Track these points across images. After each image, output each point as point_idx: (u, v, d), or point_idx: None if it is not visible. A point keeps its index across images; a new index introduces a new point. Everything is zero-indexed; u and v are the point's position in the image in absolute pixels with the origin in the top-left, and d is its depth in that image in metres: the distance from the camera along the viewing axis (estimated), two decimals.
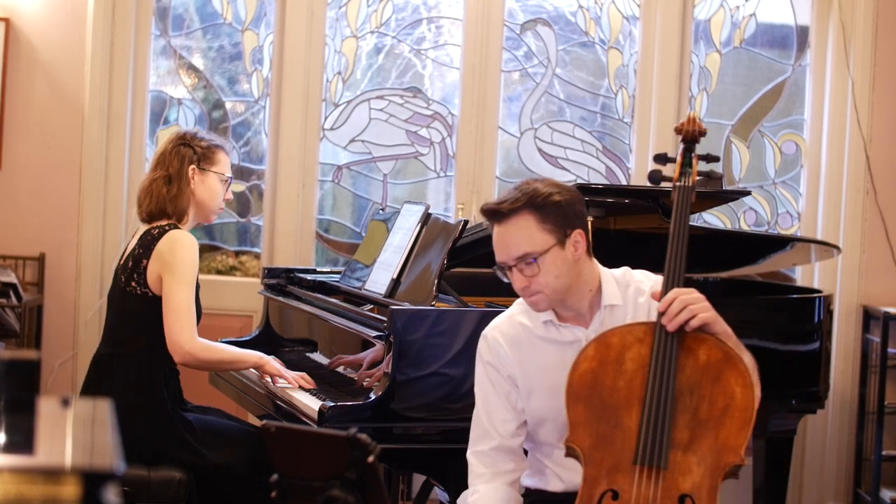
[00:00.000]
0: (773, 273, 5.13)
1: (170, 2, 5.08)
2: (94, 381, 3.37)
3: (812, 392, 4.04)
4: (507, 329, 2.73)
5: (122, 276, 3.39)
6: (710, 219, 5.13)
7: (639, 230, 4.05)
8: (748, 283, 4.70)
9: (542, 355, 2.69)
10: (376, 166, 5.16)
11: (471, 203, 5.05)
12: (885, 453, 4.91)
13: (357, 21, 5.13)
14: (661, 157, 2.71)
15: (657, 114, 5.14)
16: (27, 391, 1.62)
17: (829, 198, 5.15)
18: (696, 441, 2.44)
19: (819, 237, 5.05)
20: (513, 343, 2.71)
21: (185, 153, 3.46)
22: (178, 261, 3.29)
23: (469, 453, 2.72)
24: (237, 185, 5.12)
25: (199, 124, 5.09)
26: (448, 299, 3.50)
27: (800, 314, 4.06)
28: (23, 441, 1.55)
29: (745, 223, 5.23)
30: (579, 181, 5.02)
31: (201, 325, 3.39)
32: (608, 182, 5.13)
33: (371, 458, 2.01)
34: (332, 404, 3.11)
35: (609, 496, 2.45)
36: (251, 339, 4.14)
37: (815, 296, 4.12)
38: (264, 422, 2.23)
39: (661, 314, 2.49)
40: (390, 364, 3.17)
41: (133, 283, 3.34)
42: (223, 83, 5.16)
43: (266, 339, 4.12)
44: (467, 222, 3.49)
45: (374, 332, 3.30)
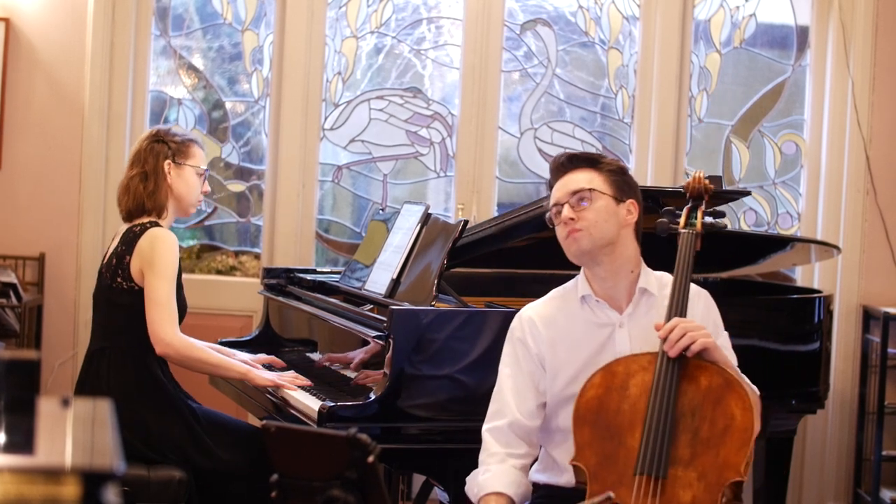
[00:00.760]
0: (774, 273, 5.13)
1: (170, 2, 5.07)
2: (89, 375, 3.38)
3: (812, 392, 4.04)
4: (542, 310, 2.83)
5: (106, 274, 3.43)
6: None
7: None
8: (748, 284, 4.70)
9: (573, 333, 2.78)
10: (376, 166, 5.16)
11: (471, 203, 5.05)
12: (885, 453, 4.91)
13: (357, 21, 5.13)
14: (668, 213, 2.86)
15: (657, 114, 5.13)
16: (27, 391, 1.62)
17: (829, 198, 5.15)
18: (697, 458, 2.53)
19: (819, 237, 5.05)
20: (547, 322, 2.80)
21: (159, 149, 3.49)
22: (158, 256, 3.33)
23: (484, 430, 2.79)
24: (238, 186, 5.12)
25: (199, 124, 5.09)
26: (448, 299, 3.50)
27: (800, 314, 4.06)
28: (23, 441, 1.55)
29: (745, 223, 5.22)
30: None
31: (199, 325, 3.40)
32: None
33: (371, 458, 2.01)
34: (332, 404, 3.11)
35: None
36: (251, 339, 4.14)
37: (815, 296, 4.12)
38: (264, 422, 2.23)
39: (662, 340, 2.61)
40: (390, 364, 3.17)
41: (118, 279, 3.38)
42: (223, 83, 5.15)
43: (266, 339, 4.12)
44: (467, 222, 3.49)
45: (374, 333, 3.30)
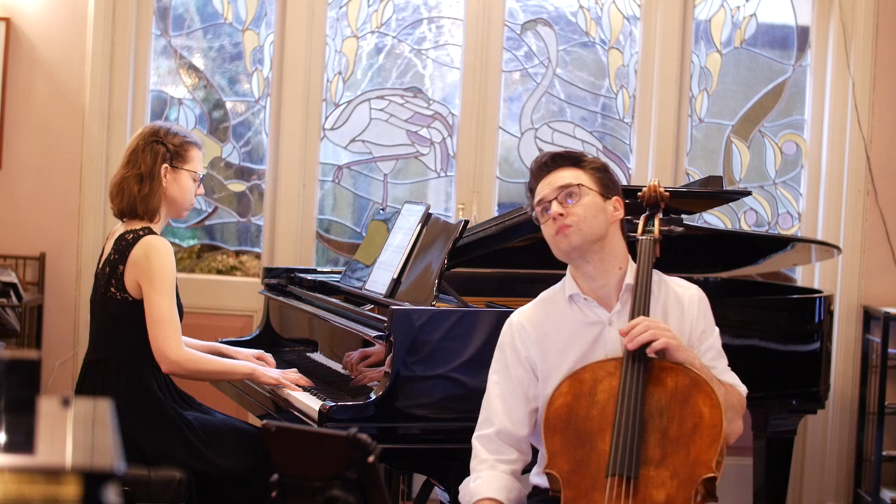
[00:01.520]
0: (774, 273, 5.13)
1: (170, 2, 5.07)
2: (86, 387, 3.34)
3: (812, 392, 4.04)
4: (531, 314, 2.84)
5: (101, 281, 3.35)
6: (711, 219, 5.13)
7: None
8: (749, 284, 4.70)
9: (563, 334, 2.78)
10: (377, 166, 5.16)
11: (471, 203, 5.05)
12: (885, 453, 4.91)
13: (358, 21, 5.13)
14: (624, 221, 2.89)
15: (658, 114, 5.13)
16: (27, 391, 1.62)
17: (829, 198, 5.15)
18: (668, 457, 2.55)
19: (819, 237, 5.05)
20: (536, 325, 2.80)
21: (157, 150, 3.36)
22: (155, 269, 3.23)
23: (474, 438, 2.79)
24: (238, 185, 5.12)
25: (199, 124, 5.09)
26: (448, 299, 3.50)
27: (800, 314, 4.06)
28: (23, 441, 1.55)
29: (745, 223, 5.22)
30: None
31: (200, 325, 3.38)
32: None
33: (371, 458, 2.01)
34: (333, 404, 3.11)
35: None
36: (251, 339, 4.13)
37: (816, 296, 4.12)
38: (264, 422, 2.23)
39: (624, 335, 2.64)
40: (391, 364, 3.17)
41: (112, 289, 3.30)
42: (224, 83, 5.15)
43: (266, 339, 4.12)
44: (468, 222, 3.49)
45: (374, 332, 3.30)
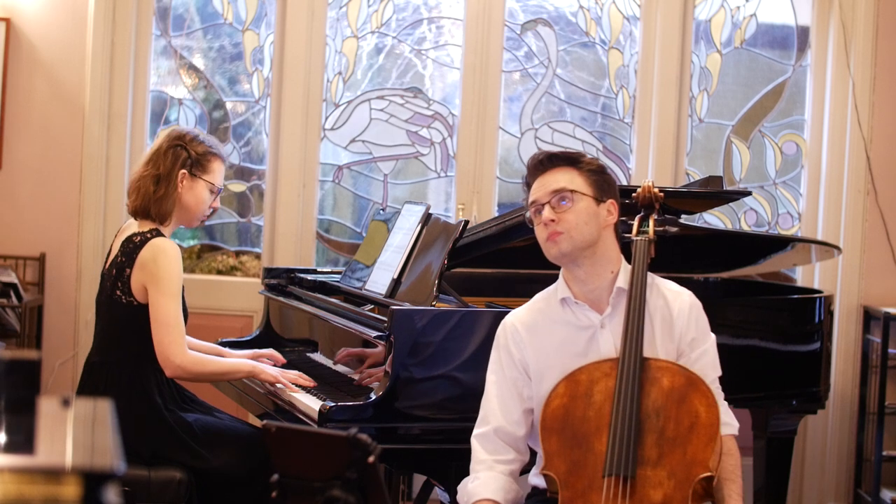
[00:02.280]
0: (774, 273, 5.13)
1: (170, 2, 5.07)
2: (87, 388, 3.34)
3: (812, 392, 4.04)
4: (524, 316, 2.85)
5: (107, 283, 3.35)
6: (711, 219, 5.13)
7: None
8: (749, 284, 4.70)
9: (555, 337, 2.79)
10: (377, 166, 5.16)
11: (471, 203, 5.05)
12: (885, 454, 4.91)
13: (358, 21, 5.13)
14: (619, 223, 2.87)
15: (658, 114, 5.13)
16: (27, 391, 1.62)
17: (829, 198, 5.14)
18: (665, 457, 2.55)
19: (819, 237, 5.05)
20: (529, 328, 2.81)
21: (179, 154, 3.36)
22: (163, 272, 3.22)
23: (473, 436, 2.81)
24: (238, 186, 5.12)
25: (199, 124, 5.09)
26: (449, 299, 3.49)
27: (800, 314, 4.06)
28: (23, 441, 1.55)
29: (745, 223, 5.22)
30: None
31: (200, 325, 3.38)
32: None
33: (371, 459, 2.01)
34: (333, 404, 3.11)
35: None
36: (251, 339, 4.13)
37: (816, 296, 4.12)
38: (264, 422, 2.23)
39: (623, 343, 2.65)
40: (391, 364, 3.17)
41: (118, 292, 3.30)
42: (224, 83, 5.15)
43: (266, 339, 4.11)
44: (468, 222, 3.49)
45: (374, 333, 3.30)
